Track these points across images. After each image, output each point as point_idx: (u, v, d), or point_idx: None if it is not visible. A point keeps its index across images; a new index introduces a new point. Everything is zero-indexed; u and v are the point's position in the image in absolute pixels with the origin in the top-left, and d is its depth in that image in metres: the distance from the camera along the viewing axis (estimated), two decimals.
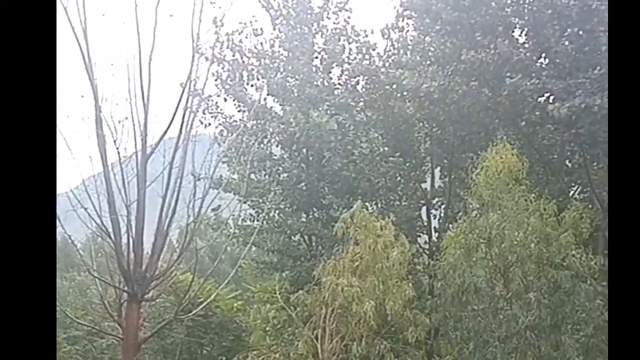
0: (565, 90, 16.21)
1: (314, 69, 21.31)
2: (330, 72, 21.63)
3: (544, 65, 17.18)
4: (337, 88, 21.55)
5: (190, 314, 18.03)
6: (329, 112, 20.15)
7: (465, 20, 18.14)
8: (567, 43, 16.70)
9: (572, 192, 18.26)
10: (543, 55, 17.22)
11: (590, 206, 16.54)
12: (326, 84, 21.25)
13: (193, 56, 16.28)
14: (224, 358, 19.93)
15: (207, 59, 21.17)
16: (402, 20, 20.83)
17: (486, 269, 14.67)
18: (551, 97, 16.58)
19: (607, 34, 16.20)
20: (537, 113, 16.68)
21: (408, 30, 21.14)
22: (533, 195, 14.91)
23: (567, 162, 17.92)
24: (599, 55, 16.40)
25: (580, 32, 16.59)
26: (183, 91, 16.07)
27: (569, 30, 16.65)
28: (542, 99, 16.80)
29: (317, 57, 21.55)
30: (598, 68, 16.16)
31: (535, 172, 16.73)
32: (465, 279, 14.57)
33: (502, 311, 14.20)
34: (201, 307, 17.92)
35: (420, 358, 15.61)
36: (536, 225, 14.44)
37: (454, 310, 14.79)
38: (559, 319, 14.03)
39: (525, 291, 14.02)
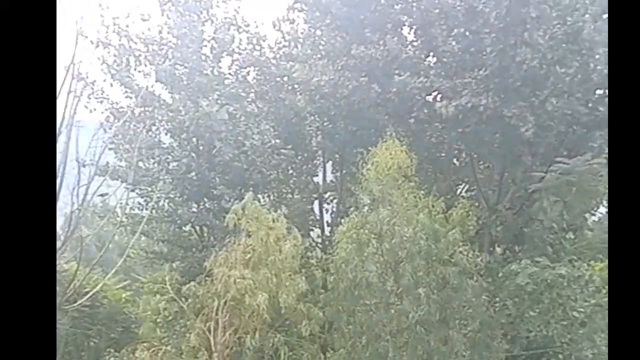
0: (452, 89, 16.77)
1: (203, 57, 21.08)
2: (220, 62, 21.45)
3: (431, 64, 17.68)
4: (228, 78, 21.41)
5: (75, 304, 17.60)
6: (219, 101, 20.01)
7: (355, 16, 18.39)
8: (454, 43, 17.23)
9: (459, 190, 18.94)
10: (431, 54, 17.71)
11: (476, 204, 17.22)
12: (216, 73, 21.07)
13: (77, 38, 15.83)
14: (112, 350, 19.54)
15: (92, 42, 20.63)
16: (293, 13, 20.89)
17: (377, 264, 15.04)
18: (439, 96, 17.10)
19: (491, 35, 16.91)
20: (426, 111, 17.18)
21: (299, 23, 21.24)
22: (422, 192, 15.39)
23: (454, 160, 18.55)
24: (484, 56, 17.05)
25: (467, 33, 17.15)
26: (66, 75, 15.62)
27: (455, 30, 17.17)
28: (430, 97, 17.29)
29: (206, 46, 21.30)
30: (483, 69, 16.81)
31: (424, 169, 17.25)
32: (357, 274, 14.89)
33: (393, 306, 14.62)
34: (87, 297, 17.48)
35: (315, 352, 15.85)
36: (425, 221, 14.93)
37: (346, 305, 15.09)
38: (447, 314, 14.58)
39: (415, 287, 14.48)
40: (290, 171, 21.21)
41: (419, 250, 14.75)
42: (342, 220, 16.60)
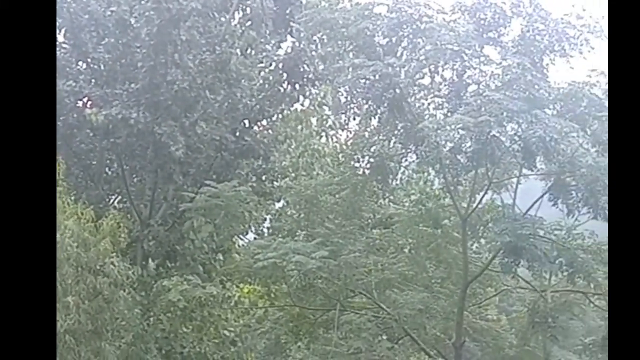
0: (103, 98, 15.98)
1: None
2: None
3: (82, 69, 16.75)
4: None
5: None
6: None
7: None
8: (104, 52, 16.56)
9: (111, 201, 18.00)
10: (81, 59, 16.82)
11: (128, 216, 16.49)
12: None
13: None
14: None
15: None
16: None
17: None
18: (89, 103, 16.23)
19: (142, 51, 16.55)
20: (75, 116, 16.16)
21: None
22: (71, 197, 14.27)
23: (107, 169, 17.65)
24: (136, 70, 16.58)
25: (118, 44, 16.59)
26: None
27: (106, 39, 16.55)
28: (80, 103, 16.35)
29: None
30: (135, 82, 16.34)
31: (73, 174, 16.09)
32: None
33: None
34: None
35: None
36: (74, 228, 13.78)
37: None
38: (99, 324, 13.52)
39: (64, 294, 13.21)
40: None
41: (68, 257, 13.49)
42: None
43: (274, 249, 16.08)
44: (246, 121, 17.16)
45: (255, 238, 19.80)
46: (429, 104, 16.01)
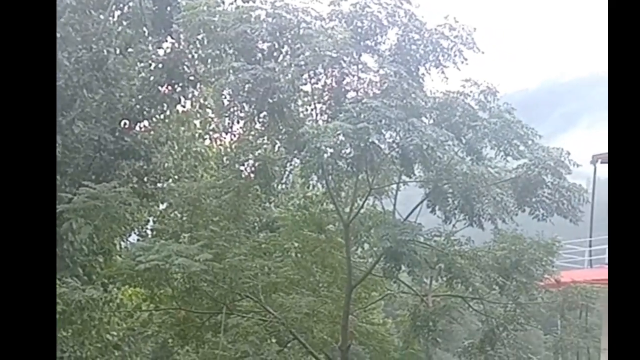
0: None
1: None
2: None
3: None
4: None
5: None
6: None
7: None
8: None
9: None
10: None
11: None
12: None
13: None
14: None
15: None
16: None
17: None
18: None
19: None
20: None
21: None
22: None
23: None
24: None
25: None
26: None
27: None
28: None
29: None
30: None
31: None
32: None
33: None
34: None
35: None
36: None
37: None
38: None
39: None
40: None
41: None
42: None
43: (156, 251, 15.81)
44: (126, 121, 16.80)
45: (138, 240, 19.43)
46: (312, 109, 15.97)
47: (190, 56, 16.18)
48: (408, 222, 15.75)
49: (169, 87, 16.70)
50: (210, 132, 20.20)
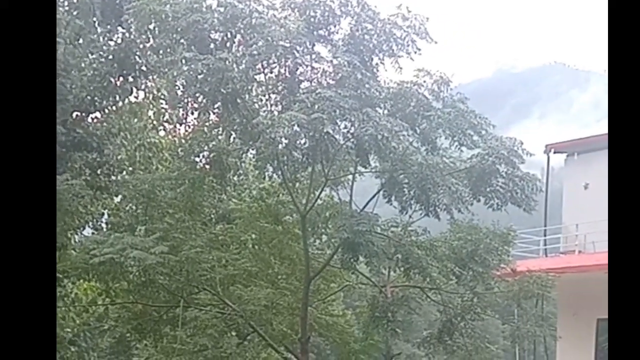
0: None
1: None
2: None
3: None
4: None
5: None
6: None
7: None
8: None
9: None
10: None
11: None
12: None
13: None
14: None
15: None
16: None
17: None
18: None
19: None
20: None
21: None
22: None
23: None
24: None
25: None
26: None
27: None
28: None
29: None
30: None
31: None
32: None
33: None
34: None
35: None
36: None
37: None
38: None
39: None
40: None
41: None
42: None
43: (110, 244, 15.62)
44: (77, 113, 16.50)
45: (93, 233, 19.15)
46: (266, 99, 15.83)
47: (141, 46, 15.91)
48: (365, 213, 15.70)
49: (121, 78, 16.41)
50: (164, 124, 19.94)
